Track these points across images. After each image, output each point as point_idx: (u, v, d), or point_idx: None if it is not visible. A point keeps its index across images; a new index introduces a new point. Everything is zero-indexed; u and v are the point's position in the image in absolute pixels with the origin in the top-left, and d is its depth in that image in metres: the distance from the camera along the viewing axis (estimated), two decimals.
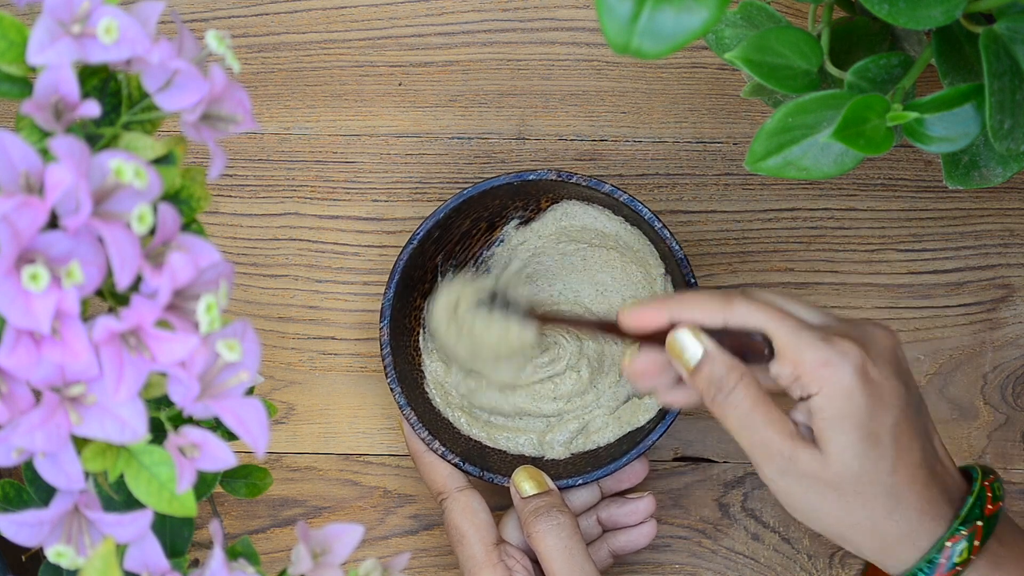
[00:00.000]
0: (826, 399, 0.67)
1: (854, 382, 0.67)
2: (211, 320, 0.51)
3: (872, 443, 0.67)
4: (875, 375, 0.67)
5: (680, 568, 0.86)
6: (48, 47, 0.51)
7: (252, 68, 0.87)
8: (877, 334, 0.69)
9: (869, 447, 0.67)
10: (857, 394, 0.67)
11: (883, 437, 0.67)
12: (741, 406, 0.68)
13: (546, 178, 0.80)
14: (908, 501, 0.67)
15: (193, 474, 0.53)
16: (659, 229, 0.80)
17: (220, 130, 0.55)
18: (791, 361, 0.68)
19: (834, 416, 0.67)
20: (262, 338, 0.85)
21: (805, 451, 0.67)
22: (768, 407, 0.68)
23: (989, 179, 0.70)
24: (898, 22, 0.63)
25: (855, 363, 0.67)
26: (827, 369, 0.67)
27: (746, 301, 0.69)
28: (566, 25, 0.87)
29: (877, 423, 0.67)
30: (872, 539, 0.68)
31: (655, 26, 0.54)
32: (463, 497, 0.79)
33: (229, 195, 0.87)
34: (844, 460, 0.67)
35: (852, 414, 0.67)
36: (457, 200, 0.81)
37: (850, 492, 0.67)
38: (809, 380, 0.67)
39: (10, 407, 0.51)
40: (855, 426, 0.67)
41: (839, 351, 0.67)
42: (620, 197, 0.80)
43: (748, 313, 0.69)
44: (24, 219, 0.49)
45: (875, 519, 0.68)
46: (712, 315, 0.69)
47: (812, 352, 0.67)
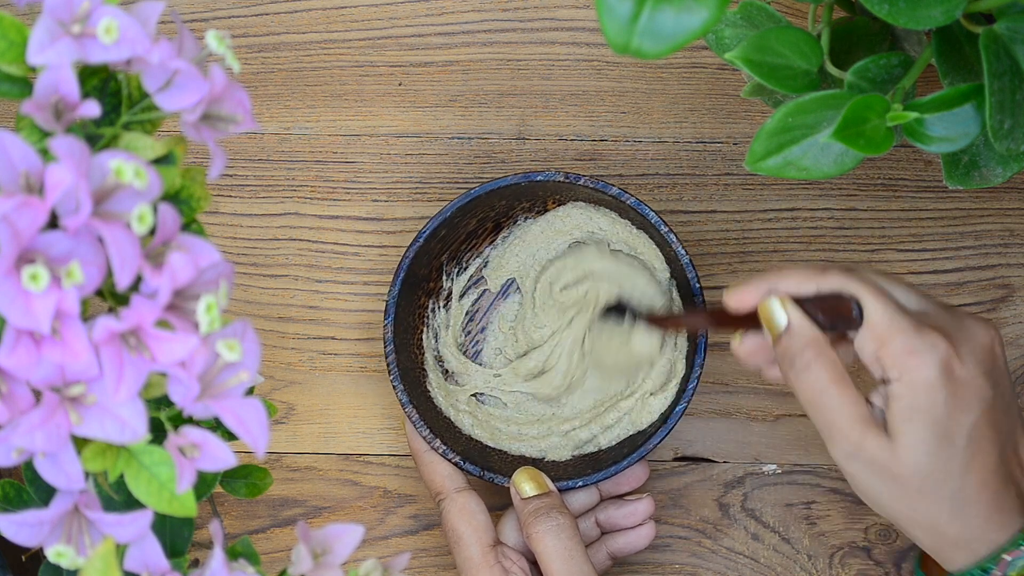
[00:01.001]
0: (905, 388, 0.65)
1: (936, 376, 0.65)
2: (211, 320, 0.51)
3: (945, 442, 0.65)
4: (960, 372, 0.65)
5: (680, 568, 0.86)
6: (48, 47, 0.51)
7: (252, 68, 0.87)
8: (975, 329, 0.68)
9: (941, 446, 0.65)
10: (937, 389, 0.65)
11: (957, 438, 0.65)
12: (815, 383, 0.67)
13: (553, 179, 0.80)
14: (975, 507, 0.66)
15: (193, 474, 0.53)
16: (665, 233, 0.80)
17: (220, 130, 0.55)
18: (877, 339, 0.66)
19: (910, 408, 0.65)
20: (262, 338, 0.85)
21: (875, 439, 0.66)
22: (843, 386, 0.67)
23: (989, 179, 0.70)
24: (898, 22, 0.63)
25: (942, 356, 0.65)
26: (912, 358, 0.65)
27: (843, 272, 0.68)
28: (566, 25, 0.87)
29: (954, 422, 0.65)
30: (930, 536, 0.67)
31: (655, 26, 0.54)
32: (461, 498, 0.79)
33: (229, 195, 0.87)
34: (914, 456, 0.65)
35: (929, 409, 0.65)
36: (464, 199, 0.81)
37: (915, 489, 0.66)
38: (891, 364, 0.66)
39: (10, 407, 0.51)
40: (930, 422, 0.65)
41: (928, 342, 0.65)
42: (627, 200, 0.80)
43: (843, 282, 0.67)
44: (24, 219, 0.49)
45: (937, 519, 0.66)
46: (805, 283, 0.68)
47: (900, 337, 0.66)
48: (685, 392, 0.80)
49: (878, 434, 0.66)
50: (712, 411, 0.86)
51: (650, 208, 0.80)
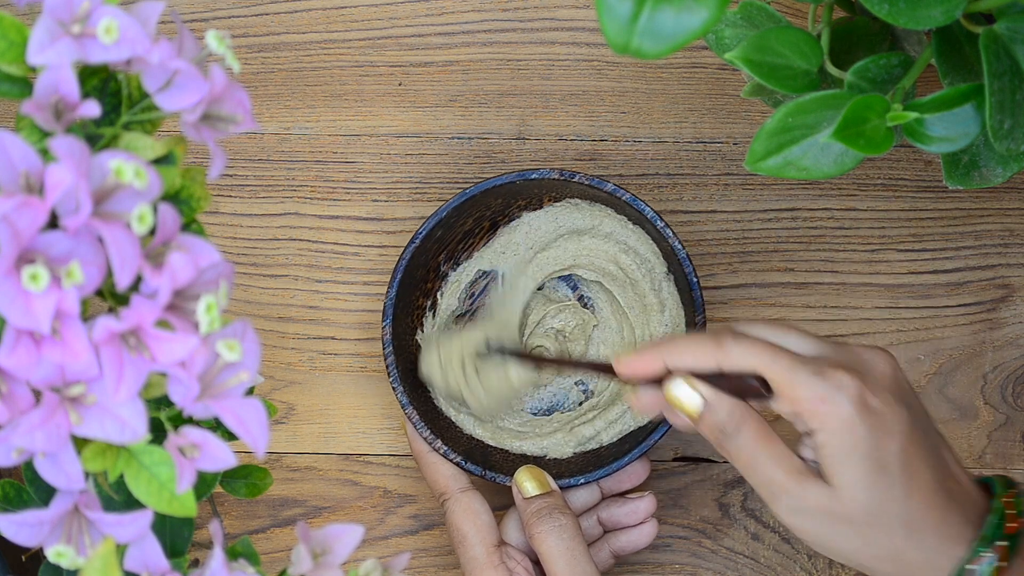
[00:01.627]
0: (828, 435, 0.66)
1: (853, 414, 0.66)
2: (211, 320, 0.51)
3: (880, 473, 0.66)
4: (874, 404, 0.66)
5: (680, 568, 0.86)
6: (48, 47, 0.51)
7: (252, 68, 0.87)
8: (874, 360, 0.69)
9: (878, 478, 0.66)
10: (858, 426, 0.66)
11: (891, 465, 0.66)
12: (746, 448, 0.68)
13: (548, 177, 0.80)
14: (926, 527, 0.66)
15: (193, 474, 0.53)
16: (662, 228, 0.80)
17: (220, 130, 0.55)
18: (788, 399, 0.67)
19: (838, 450, 0.66)
20: (262, 338, 0.85)
21: (813, 487, 0.67)
22: (773, 445, 0.68)
23: (989, 179, 0.70)
24: (898, 22, 0.63)
25: (852, 394, 0.66)
26: (825, 405, 0.66)
27: (736, 342, 0.68)
28: (566, 25, 0.87)
29: (883, 452, 0.66)
30: (895, 568, 0.67)
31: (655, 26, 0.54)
32: (465, 498, 0.79)
33: (229, 195, 0.87)
34: (854, 494, 0.66)
35: (856, 446, 0.66)
36: (460, 199, 0.81)
37: (864, 524, 0.66)
38: (809, 417, 0.67)
39: (10, 407, 0.51)
40: (861, 458, 0.66)
41: (834, 385, 0.66)
42: (623, 196, 0.80)
43: (740, 355, 0.68)
44: (24, 219, 0.49)
45: (895, 548, 0.67)
46: (705, 360, 0.69)
47: (807, 389, 0.66)
48: None
49: (816, 482, 0.67)
50: None
51: (645, 203, 0.80)
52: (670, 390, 0.70)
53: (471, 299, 0.85)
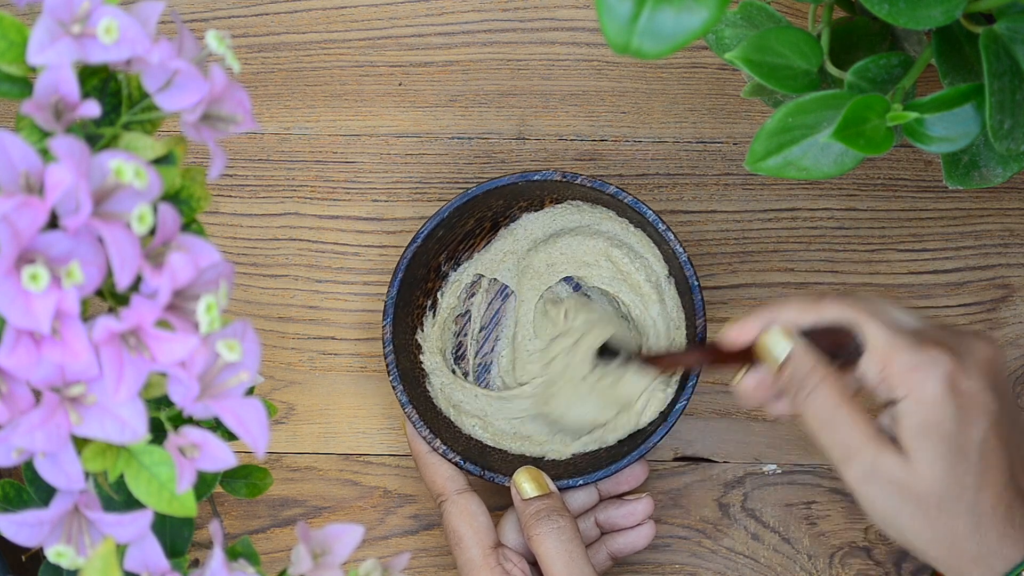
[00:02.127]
0: (913, 404, 0.65)
1: (943, 390, 0.65)
2: (211, 320, 0.51)
3: (959, 456, 0.65)
4: (965, 386, 0.65)
5: (680, 568, 0.86)
6: (48, 47, 0.51)
7: (252, 68, 0.87)
8: (976, 344, 0.68)
9: (956, 460, 0.65)
10: (945, 403, 0.65)
11: (970, 452, 0.65)
12: (823, 406, 0.67)
13: (550, 179, 0.80)
14: (991, 522, 0.65)
15: (193, 474, 0.53)
16: (663, 231, 0.80)
17: (220, 130, 0.55)
18: (880, 361, 0.66)
19: (920, 424, 0.65)
20: (262, 338, 0.85)
21: (890, 455, 0.66)
22: (852, 407, 0.67)
23: (989, 179, 0.70)
24: (898, 22, 0.63)
25: (945, 371, 0.65)
26: (916, 374, 0.65)
27: (839, 300, 0.68)
28: (566, 25, 0.87)
29: (965, 436, 0.65)
30: (948, 554, 0.66)
31: (655, 26, 0.54)
32: (462, 500, 0.79)
33: (229, 195, 0.87)
34: (930, 471, 0.65)
35: (940, 424, 0.65)
36: (462, 199, 0.81)
37: (933, 506, 0.65)
38: (897, 383, 0.66)
39: (10, 407, 0.51)
40: (943, 437, 0.65)
41: (930, 357, 0.65)
42: (624, 199, 0.80)
43: (840, 310, 0.68)
44: (24, 219, 0.49)
45: (955, 536, 0.66)
46: (803, 314, 0.69)
47: (903, 355, 0.66)
48: (685, 390, 0.80)
49: (893, 450, 0.66)
50: (712, 411, 0.86)
51: (647, 206, 0.80)
52: (764, 337, 0.69)
53: (471, 299, 0.85)
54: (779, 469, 0.86)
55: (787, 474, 0.85)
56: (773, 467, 0.86)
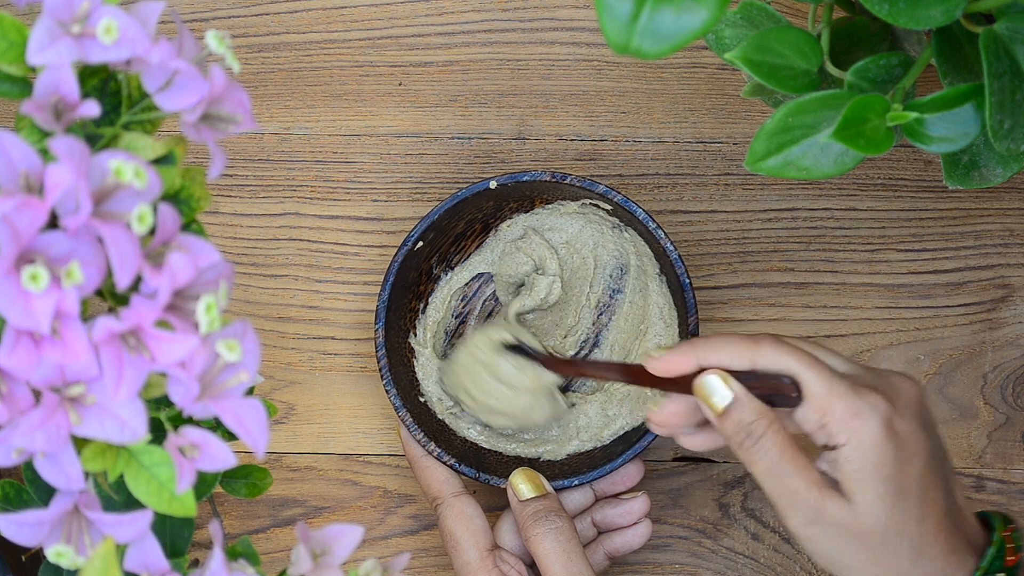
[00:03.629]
0: (854, 450, 0.67)
1: (882, 434, 0.67)
2: (211, 320, 0.51)
3: (900, 495, 0.67)
4: (901, 427, 0.67)
5: (680, 568, 0.86)
6: (48, 47, 0.51)
7: (252, 68, 0.87)
8: (903, 385, 0.70)
9: (898, 499, 0.67)
10: (885, 447, 0.67)
11: (910, 489, 0.67)
12: (769, 454, 0.68)
13: (540, 179, 0.80)
14: (933, 552, 0.68)
15: (193, 474, 0.53)
16: (653, 229, 0.80)
17: (220, 130, 0.55)
18: (820, 409, 0.68)
19: (863, 468, 0.67)
20: (262, 338, 0.85)
21: (833, 501, 0.67)
22: (796, 455, 0.68)
23: (989, 179, 0.70)
24: (898, 22, 0.63)
25: (883, 415, 0.67)
26: (857, 420, 0.67)
27: (775, 344, 0.69)
28: (566, 25, 0.87)
29: (904, 475, 0.67)
30: None
31: (655, 26, 0.54)
32: (458, 503, 0.79)
33: (229, 195, 0.87)
34: (873, 512, 0.67)
35: (880, 466, 0.67)
36: (451, 202, 0.81)
37: (877, 543, 0.67)
38: (838, 430, 0.67)
39: (10, 407, 0.51)
40: (884, 478, 0.67)
41: (868, 403, 0.67)
42: (615, 198, 0.80)
43: (777, 356, 0.69)
44: (24, 219, 0.49)
45: (900, 570, 0.68)
46: (740, 358, 0.69)
47: (841, 402, 0.67)
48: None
49: (836, 495, 0.68)
50: None
51: (637, 205, 0.80)
52: (702, 381, 0.70)
53: (464, 302, 0.85)
54: None
55: None
56: None
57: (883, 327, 0.86)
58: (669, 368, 0.71)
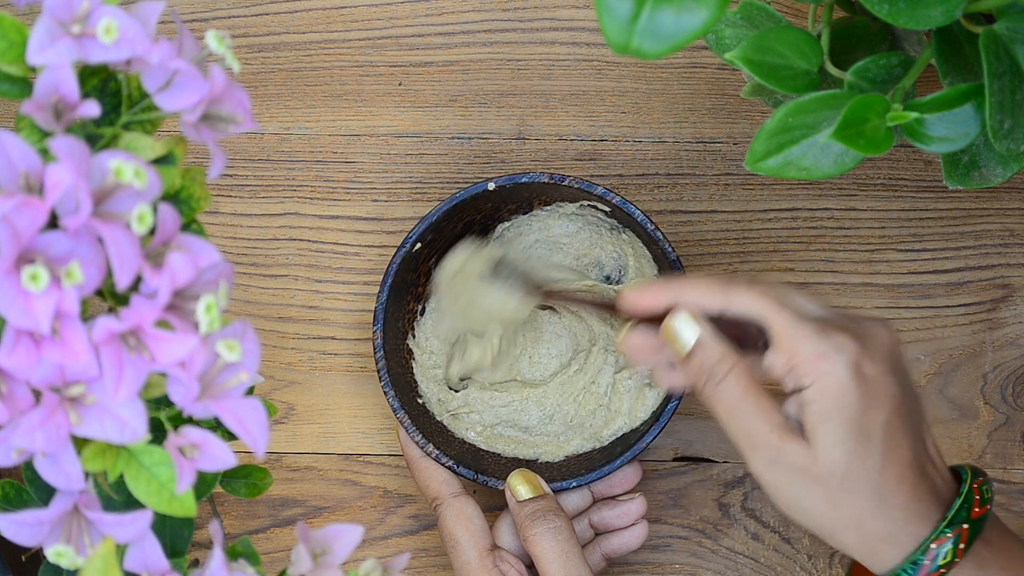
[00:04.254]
0: (818, 392, 0.66)
1: (848, 376, 0.66)
2: (211, 320, 0.51)
3: (862, 440, 0.66)
4: (870, 371, 0.67)
5: (680, 568, 0.86)
6: (48, 47, 0.51)
7: (252, 68, 0.87)
8: (876, 330, 0.69)
9: (859, 444, 0.66)
10: (850, 389, 0.66)
11: (873, 434, 0.66)
12: (731, 395, 0.68)
13: (538, 180, 0.80)
14: (894, 501, 0.67)
15: (193, 474, 0.53)
16: (652, 231, 0.80)
17: (220, 130, 0.55)
18: (786, 352, 0.67)
19: (825, 410, 0.66)
20: (262, 338, 0.85)
21: (793, 443, 0.67)
22: (759, 397, 0.68)
23: (989, 179, 0.70)
24: (898, 22, 0.63)
25: (850, 357, 0.66)
26: (822, 362, 0.66)
27: (746, 288, 0.68)
28: (566, 25, 0.87)
29: (868, 419, 0.66)
30: (857, 537, 0.68)
31: (655, 26, 0.54)
32: (457, 503, 0.79)
33: (229, 195, 0.87)
34: (833, 455, 0.66)
35: (843, 409, 0.66)
36: (449, 204, 0.81)
37: (836, 488, 0.67)
38: (803, 372, 0.67)
39: (10, 407, 0.51)
40: (846, 421, 0.66)
41: (835, 344, 0.66)
42: (613, 199, 0.80)
43: (747, 300, 0.68)
44: (24, 219, 0.49)
45: (861, 517, 0.67)
46: (711, 300, 0.69)
47: (808, 343, 0.67)
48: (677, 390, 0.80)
49: (797, 439, 0.67)
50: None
51: (635, 207, 0.80)
52: (671, 320, 0.69)
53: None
54: None
55: None
56: None
57: None
58: (642, 303, 0.70)
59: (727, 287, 0.69)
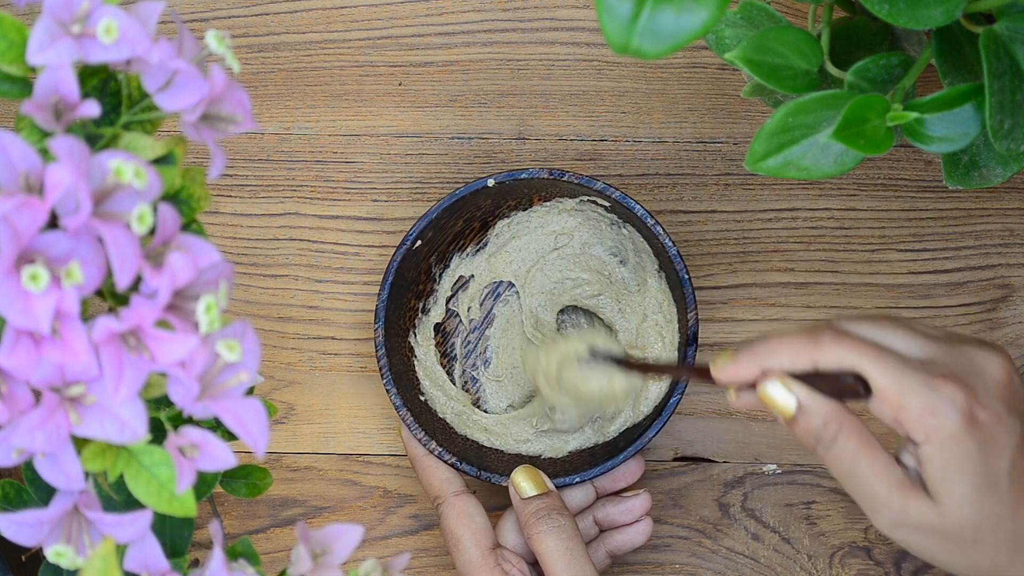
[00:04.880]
0: (934, 448, 0.63)
1: (962, 428, 0.63)
2: (211, 320, 0.51)
3: (989, 490, 0.64)
4: (983, 417, 0.64)
5: (680, 568, 0.86)
6: (48, 47, 0.51)
7: (252, 68, 0.87)
8: (987, 363, 0.66)
9: (986, 495, 0.64)
10: (966, 441, 0.63)
11: (999, 482, 0.64)
12: (845, 457, 0.65)
13: (538, 176, 0.80)
14: None
15: (193, 474, 0.53)
16: (652, 226, 0.80)
17: (220, 130, 0.55)
18: (892, 406, 0.64)
19: (945, 465, 0.63)
20: (262, 338, 0.85)
21: (916, 501, 0.64)
22: (873, 454, 0.65)
23: (989, 179, 0.70)
24: (898, 22, 0.63)
25: (962, 408, 0.63)
26: (932, 418, 0.63)
27: (836, 339, 0.65)
28: (566, 25, 0.87)
29: (991, 468, 0.64)
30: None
31: (655, 26, 0.54)
32: (459, 502, 0.79)
33: (229, 195, 0.87)
34: (961, 511, 0.64)
35: (963, 461, 0.63)
36: (449, 200, 0.81)
37: (969, 542, 0.64)
38: (914, 428, 0.64)
39: (10, 407, 0.51)
40: (969, 474, 0.63)
41: (944, 396, 0.63)
42: (613, 194, 0.80)
43: (840, 353, 0.65)
44: (24, 219, 0.49)
45: (998, 564, 0.65)
46: (800, 359, 0.65)
47: (915, 398, 0.63)
48: (678, 384, 0.80)
49: (919, 496, 0.64)
50: (712, 411, 0.86)
51: (636, 201, 0.80)
52: (764, 391, 0.66)
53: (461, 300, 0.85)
54: (779, 469, 0.86)
55: (787, 474, 0.85)
56: (773, 467, 0.86)
57: None
58: (734, 377, 0.67)
59: (816, 343, 0.65)
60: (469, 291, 0.85)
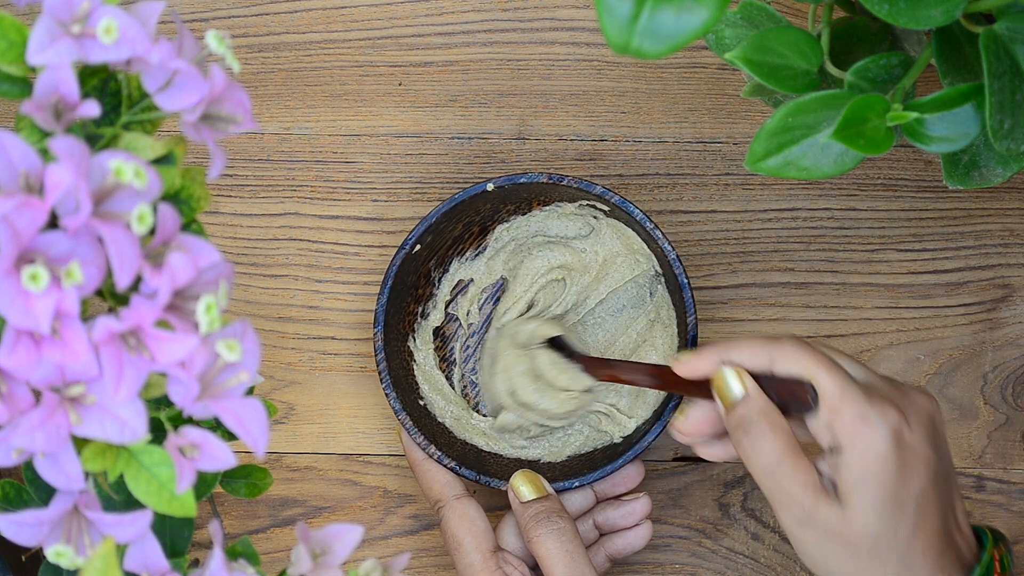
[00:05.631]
0: (857, 456, 0.67)
1: (888, 445, 0.67)
2: (211, 320, 0.51)
3: (897, 508, 0.67)
4: (910, 440, 0.68)
5: (680, 568, 0.86)
6: (48, 47, 0.51)
7: (252, 68, 0.87)
8: (919, 400, 0.70)
9: (893, 512, 0.67)
10: (889, 458, 0.67)
11: (907, 504, 0.67)
12: (769, 452, 0.69)
13: (537, 180, 0.80)
14: (920, 568, 0.68)
15: (193, 474, 0.53)
16: (651, 230, 0.80)
17: (220, 130, 0.55)
18: (830, 409, 0.68)
19: (862, 475, 0.67)
20: (262, 338, 0.85)
21: (826, 504, 0.68)
22: (796, 456, 0.69)
23: (989, 179, 0.70)
24: (898, 22, 0.63)
25: (892, 426, 0.67)
26: (864, 426, 0.67)
27: (796, 344, 0.70)
28: (566, 25, 0.87)
29: (904, 489, 0.67)
30: None
31: (655, 26, 0.54)
32: (460, 505, 0.79)
33: (229, 195, 0.87)
34: (866, 521, 0.67)
35: (880, 476, 0.67)
36: (448, 205, 0.81)
37: (864, 553, 0.68)
38: (843, 432, 0.68)
39: (10, 407, 0.51)
40: (882, 489, 0.67)
41: (879, 411, 0.68)
42: (611, 199, 0.80)
43: (795, 358, 0.70)
44: (24, 219, 0.49)
45: None
46: (759, 357, 0.71)
47: (853, 406, 0.68)
48: None
49: (830, 500, 0.68)
50: None
51: (635, 205, 0.80)
52: (719, 375, 0.71)
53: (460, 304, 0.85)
54: None
55: None
56: None
57: (883, 327, 0.86)
58: (695, 369, 0.73)
59: (777, 344, 0.70)
60: (468, 295, 0.85)
